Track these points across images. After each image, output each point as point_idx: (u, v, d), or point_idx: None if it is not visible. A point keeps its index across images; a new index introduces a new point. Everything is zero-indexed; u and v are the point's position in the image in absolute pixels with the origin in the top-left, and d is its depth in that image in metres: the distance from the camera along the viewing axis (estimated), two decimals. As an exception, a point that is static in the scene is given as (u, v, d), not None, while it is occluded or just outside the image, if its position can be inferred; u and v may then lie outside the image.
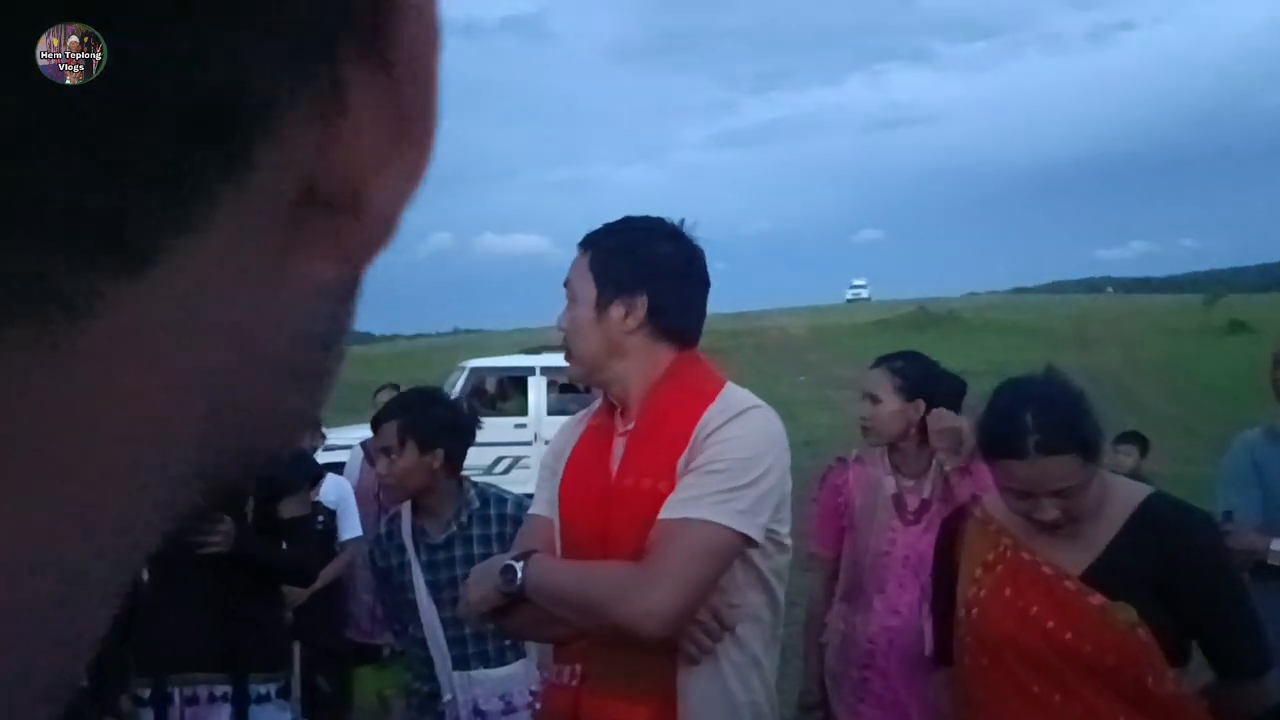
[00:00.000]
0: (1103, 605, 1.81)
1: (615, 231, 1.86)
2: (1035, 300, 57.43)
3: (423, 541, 2.78)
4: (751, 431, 1.73)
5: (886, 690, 2.80)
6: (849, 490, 2.95)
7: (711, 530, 1.64)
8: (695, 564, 1.64)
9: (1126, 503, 1.89)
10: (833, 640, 2.94)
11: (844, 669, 2.89)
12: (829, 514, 3.02)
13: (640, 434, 1.79)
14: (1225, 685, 1.90)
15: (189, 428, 0.21)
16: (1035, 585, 1.88)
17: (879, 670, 2.82)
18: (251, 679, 2.98)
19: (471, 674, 2.71)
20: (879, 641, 2.82)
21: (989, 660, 1.92)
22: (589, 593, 1.68)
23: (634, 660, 1.70)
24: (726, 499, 1.66)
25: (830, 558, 3.00)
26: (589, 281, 1.81)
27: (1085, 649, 1.81)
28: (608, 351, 1.81)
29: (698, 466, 1.69)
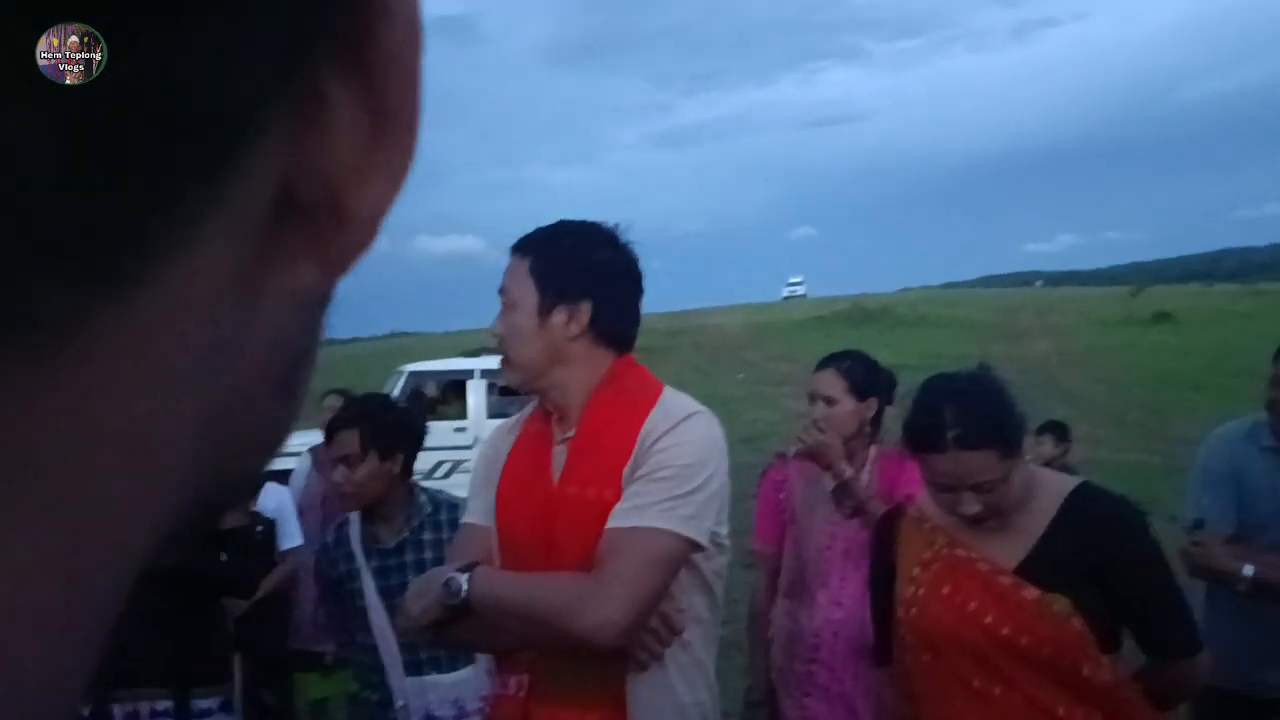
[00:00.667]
0: (1038, 598, 1.85)
1: (555, 237, 1.85)
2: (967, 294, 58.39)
3: (374, 548, 2.77)
4: (695, 438, 1.74)
5: (833, 682, 2.84)
6: (789, 487, 2.99)
7: (661, 538, 1.65)
8: (647, 573, 1.64)
9: (1056, 495, 1.93)
10: (777, 635, 2.97)
11: (789, 663, 2.92)
12: (770, 510, 3.06)
13: (582, 442, 1.78)
14: (1158, 668, 1.95)
15: (180, 447, 0.21)
16: (972, 581, 1.92)
17: (824, 663, 2.85)
18: (194, 693, 2.94)
19: (424, 679, 2.70)
20: (824, 634, 2.85)
21: (930, 656, 1.95)
22: (540, 605, 1.67)
23: (581, 668, 1.70)
24: (674, 506, 1.67)
25: (772, 553, 3.03)
26: (530, 287, 1.79)
27: (1022, 641, 1.85)
28: (549, 358, 1.80)
29: (644, 474, 1.69)
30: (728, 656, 4.56)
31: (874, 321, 36.63)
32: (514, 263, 1.83)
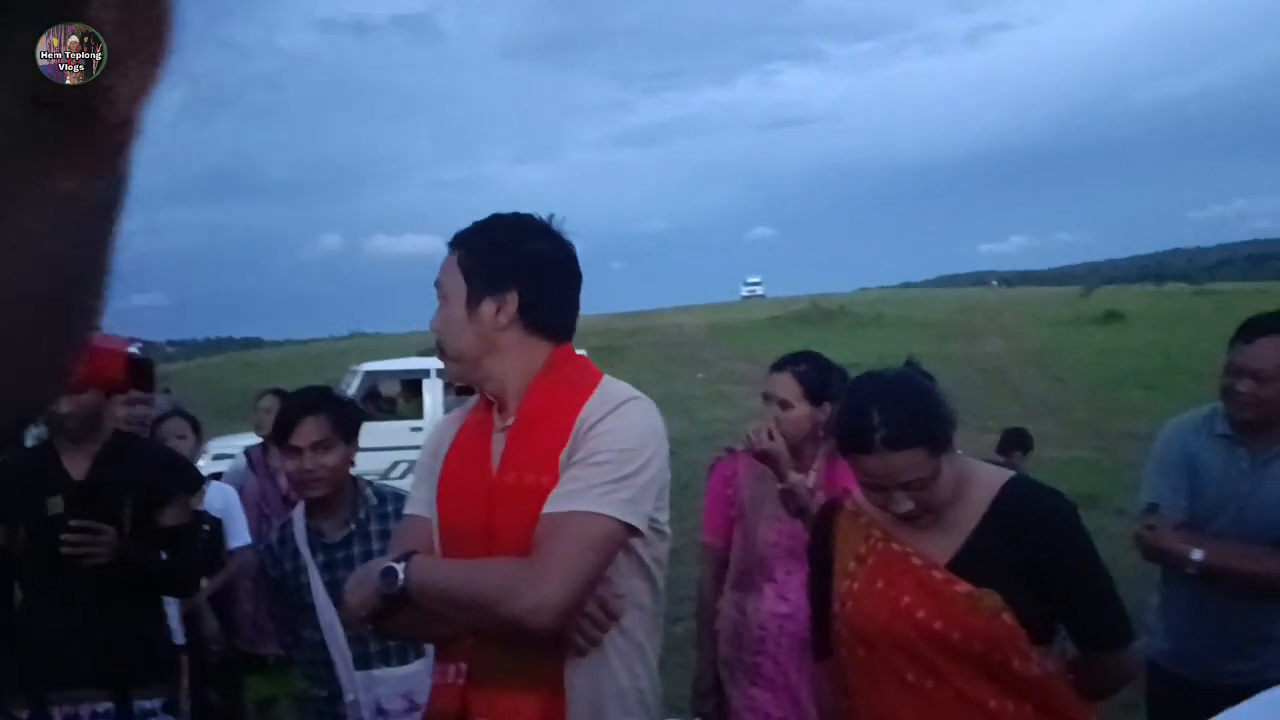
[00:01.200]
0: (969, 593, 1.87)
1: (483, 229, 1.88)
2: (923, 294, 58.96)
3: (319, 542, 2.77)
4: (631, 423, 1.76)
5: (778, 673, 2.88)
6: (738, 481, 3.02)
7: (597, 521, 1.67)
8: (582, 556, 1.66)
9: (988, 489, 1.95)
10: (725, 627, 3.01)
11: (736, 654, 2.96)
12: (719, 504, 3.09)
13: (520, 429, 1.81)
14: (1092, 659, 1.98)
15: None
16: (906, 575, 1.94)
17: (770, 655, 2.89)
18: (136, 694, 2.88)
19: (374, 673, 2.69)
20: (769, 627, 2.89)
21: (864, 650, 1.98)
22: (477, 590, 1.69)
23: (519, 653, 1.72)
24: (611, 490, 1.69)
25: (720, 546, 3.06)
26: (459, 279, 1.83)
27: (954, 636, 1.87)
28: (481, 349, 1.83)
29: (581, 459, 1.72)
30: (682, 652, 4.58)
31: (831, 321, 36.85)
32: (447, 257, 1.87)
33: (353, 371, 13.67)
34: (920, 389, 1.97)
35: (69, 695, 2.81)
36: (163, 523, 2.96)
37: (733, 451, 3.13)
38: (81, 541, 2.73)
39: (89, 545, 2.74)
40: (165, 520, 2.97)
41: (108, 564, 2.76)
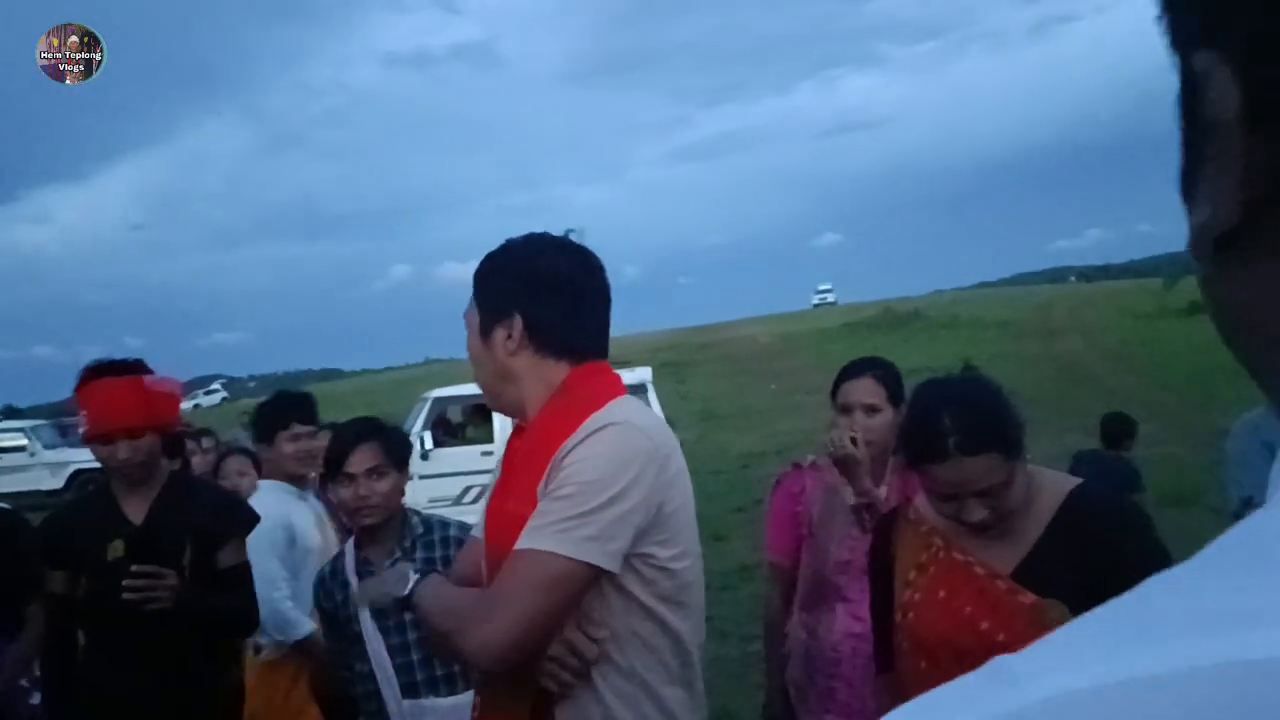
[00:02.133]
0: (1034, 604, 1.79)
1: (490, 256, 1.85)
2: (998, 294, 57.90)
3: (367, 571, 2.77)
4: (601, 453, 1.63)
5: (853, 698, 2.75)
6: (806, 497, 2.90)
7: (549, 560, 1.58)
8: (530, 596, 1.58)
9: (1053, 497, 1.87)
10: (794, 650, 2.89)
11: (809, 678, 2.84)
12: (785, 522, 2.96)
13: (512, 458, 1.81)
14: None
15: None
16: (968, 586, 1.87)
17: (844, 679, 2.77)
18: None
19: (421, 703, 2.70)
20: (843, 649, 2.77)
21: (926, 663, 1.90)
22: (443, 620, 1.70)
23: (518, 691, 1.68)
24: (571, 526, 1.59)
25: (787, 566, 2.94)
26: (475, 310, 1.84)
27: (1016, 649, 1.78)
28: (499, 377, 1.81)
29: (551, 491, 1.64)
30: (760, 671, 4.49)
31: (905, 325, 36.40)
32: (472, 293, 1.89)
33: (423, 399, 13.80)
34: (990, 391, 1.89)
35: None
36: (220, 564, 2.97)
37: (798, 466, 3.02)
38: (144, 586, 2.73)
39: (151, 590, 2.73)
40: (223, 561, 2.98)
41: (170, 609, 2.76)
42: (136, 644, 2.81)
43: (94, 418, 2.81)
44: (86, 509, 3.01)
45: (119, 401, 2.82)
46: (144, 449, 2.87)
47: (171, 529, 2.86)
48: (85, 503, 3.11)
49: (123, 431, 2.83)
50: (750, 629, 5.98)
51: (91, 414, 2.81)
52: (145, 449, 2.88)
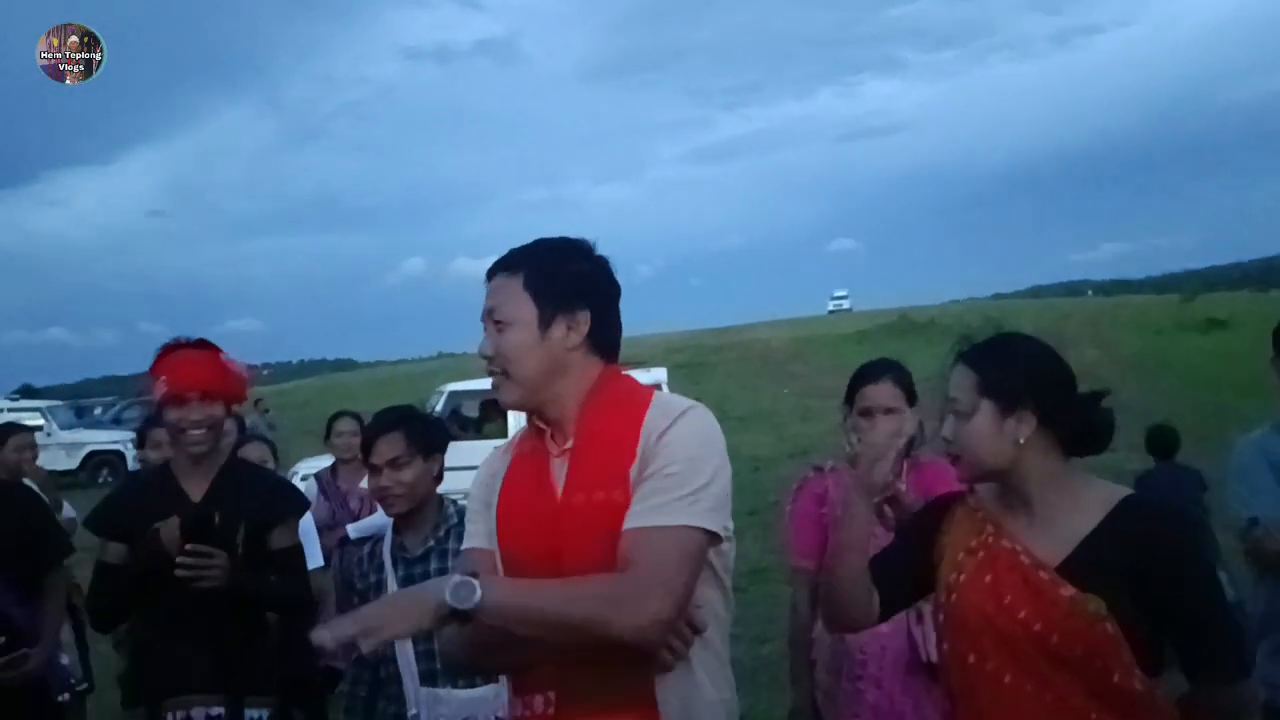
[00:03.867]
0: (1072, 596, 1.81)
1: (542, 252, 1.88)
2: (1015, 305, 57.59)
3: (401, 556, 2.84)
4: (696, 431, 1.76)
5: (882, 700, 2.78)
6: (831, 500, 2.91)
7: (687, 533, 1.68)
8: (680, 567, 1.66)
9: (1105, 500, 1.90)
10: (822, 654, 2.90)
11: (836, 682, 2.86)
12: (811, 525, 2.97)
13: (582, 449, 1.80)
14: (1199, 692, 1.87)
15: None
16: (1012, 573, 1.88)
17: (873, 680, 2.79)
18: (246, 702, 2.97)
19: (438, 691, 2.72)
20: (871, 650, 2.79)
21: (964, 646, 1.93)
22: (575, 609, 1.64)
23: (610, 674, 1.69)
24: (692, 500, 1.69)
25: (813, 569, 2.94)
26: (527, 302, 1.82)
27: (1053, 639, 1.81)
28: (550, 371, 1.82)
29: (654, 472, 1.71)
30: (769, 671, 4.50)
31: (920, 333, 36.25)
32: (502, 281, 1.86)
33: (438, 392, 13.84)
34: (1040, 347, 2.02)
35: (183, 700, 2.92)
36: (271, 546, 3.06)
37: (820, 470, 3.05)
38: (196, 565, 2.81)
39: (203, 569, 2.82)
40: (274, 543, 3.07)
41: (221, 588, 2.85)
42: (189, 617, 2.90)
43: (172, 380, 2.92)
44: (148, 485, 3.13)
45: (197, 367, 2.98)
46: (214, 416, 2.99)
47: (227, 510, 2.94)
48: (147, 479, 3.26)
49: (198, 393, 2.94)
50: (762, 631, 5.99)
51: (170, 377, 2.93)
52: (215, 417, 3.00)
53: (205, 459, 3.02)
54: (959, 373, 1.99)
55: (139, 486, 3.22)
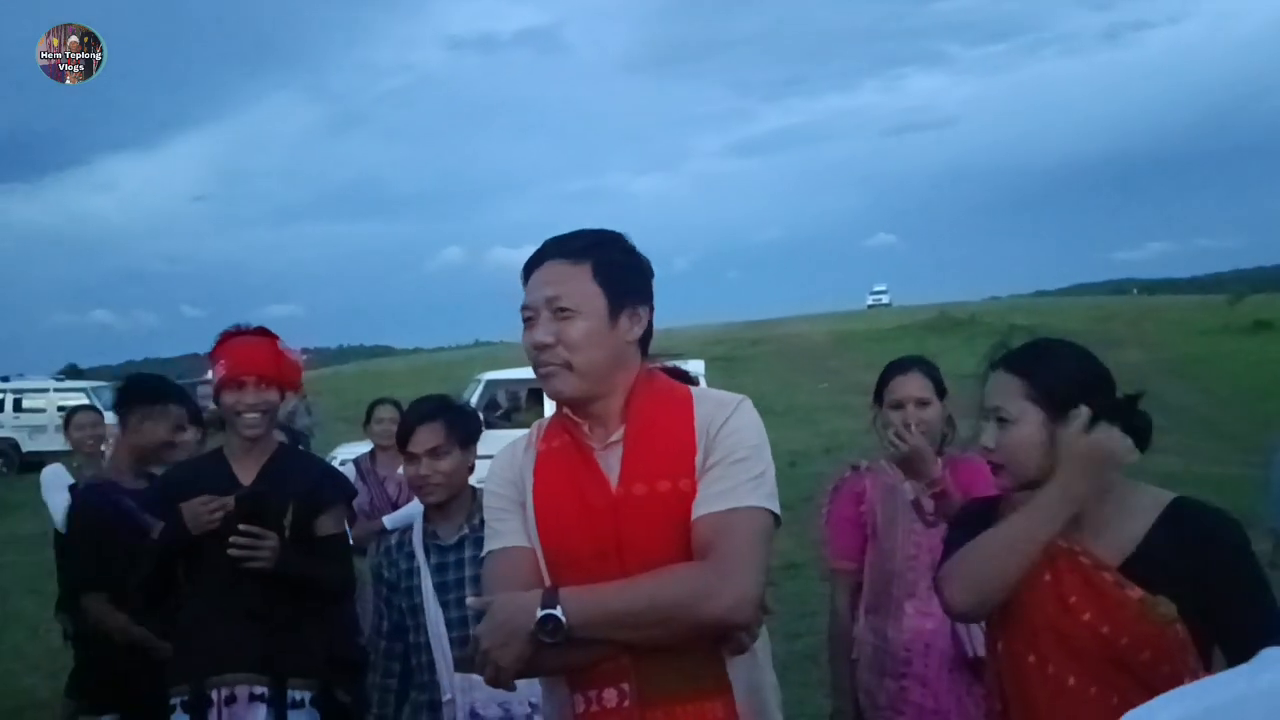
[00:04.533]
0: (1142, 598, 1.77)
1: (608, 243, 1.87)
2: (1057, 303, 57.05)
3: (433, 544, 2.85)
4: (753, 422, 1.81)
5: (926, 698, 2.77)
6: (869, 499, 2.91)
7: (759, 515, 1.73)
8: (757, 549, 1.71)
9: (1155, 503, 1.86)
10: (863, 653, 2.89)
11: (879, 681, 2.85)
12: (849, 524, 2.96)
13: (637, 440, 1.79)
14: None
15: None
16: (1073, 574, 1.83)
17: (916, 677, 2.79)
18: (290, 684, 3.01)
19: (473, 677, 2.58)
20: (915, 647, 2.79)
21: (1023, 646, 1.87)
22: (664, 602, 1.66)
23: (685, 662, 1.72)
24: (758, 485, 1.74)
25: (854, 569, 2.94)
26: (597, 292, 1.80)
27: (1122, 642, 1.77)
28: (614, 363, 1.81)
29: (720, 459, 1.74)
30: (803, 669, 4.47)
31: (960, 329, 36.00)
32: (565, 269, 1.82)
33: (476, 380, 13.91)
34: (1082, 351, 1.97)
35: (227, 678, 2.95)
36: (318, 532, 3.10)
37: (857, 469, 3.03)
38: (247, 545, 2.88)
39: (253, 550, 2.88)
40: (320, 529, 3.11)
41: (269, 570, 2.90)
42: (235, 597, 2.96)
43: (230, 363, 3.01)
44: (200, 467, 3.21)
45: (255, 351, 3.06)
46: (268, 400, 3.06)
47: (276, 494, 3.01)
48: (200, 462, 3.29)
49: (255, 377, 3.01)
50: (795, 626, 5.94)
51: (228, 360, 3.02)
52: (270, 401, 3.07)
53: (257, 444, 3.08)
54: (1001, 379, 1.93)
55: (192, 468, 3.28)
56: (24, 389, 22.33)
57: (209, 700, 2.94)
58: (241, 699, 2.96)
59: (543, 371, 1.82)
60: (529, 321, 1.83)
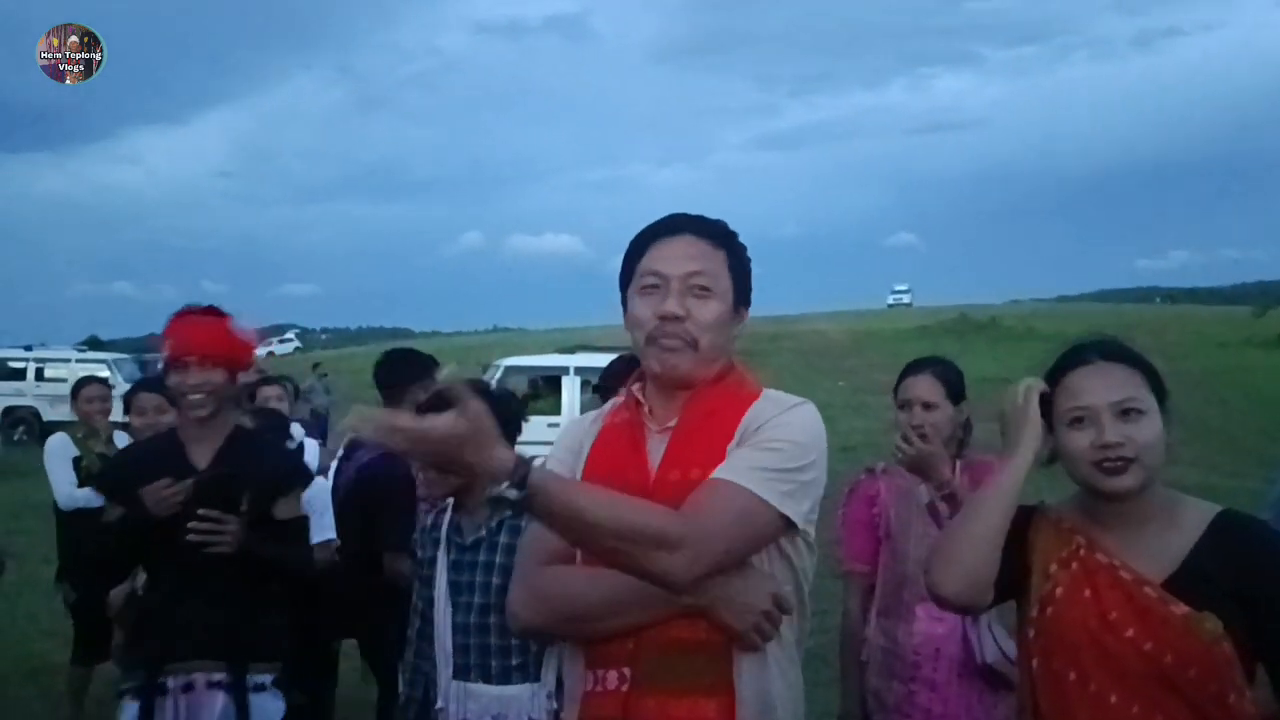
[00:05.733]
0: (1187, 615, 1.71)
1: (737, 238, 1.88)
2: (1079, 308, 56.65)
3: (454, 540, 2.75)
4: (805, 422, 1.77)
5: (934, 702, 2.77)
6: (883, 502, 2.91)
7: (755, 502, 1.66)
8: (731, 529, 1.65)
9: (1201, 516, 1.81)
10: (873, 656, 2.89)
11: (887, 684, 2.85)
12: (863, 527, 2.97)
13: (686, 429, 1.79)
14: None
15: None
16: (1114, 590, 1.78)
17: (925, 681, 2.78)
18: (251, 668, 2.97)
19: (469, 686, 2.63)
20: (925, 652, 2.79)
21: (1062, 663, 1.81)
22: (621, 527, 1.58)
23: (688, 656, 1.69)
24: (773, 477, 1.68)
25: (867, 571, 2.94)
26: (729, 281, 1.83)
27: (1166, 659, 1.71)
28: (722, 353, 1.84)
29: (753, 442, 1.72)
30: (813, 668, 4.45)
31: (981, 332, 35.84)
32: (708, 249, 1.82)
33: (495, 366, 13.93)
34: None
35: (185, 665, 2.91)
36: (276, 516, 3.05)
37: (871, 471, 3.03)
38: (207, 530, 2.82)
39: (214, 534, 2.83)
40: (279, 513, 3.06)
41: (230, 554, 2.85)
42: (194, 582, 2.90)
43: (174, 345, 2.95)
44: (154, 451, 3.10)
45: (200, 332, 2.98)
46: (214, 381, 2.97)
47: (233, 478, 2.93)
48: (153, 445, 3.22)
49: (197, 358, 2.93)
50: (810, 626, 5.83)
51: (173, 342, 2.95)
52: (213, 382, 2.97)
53: (211, 425, 3.00)
54: (1122, 371, 1.83)
55: (145, 451, 3.22)
56: (46, 359, 22.53)
57: (162, 688, 2.89)
58: (199, 687, 2.92)
59: (665, 343, 1.79)
60: (652, 289, 1.80)
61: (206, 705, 2.91)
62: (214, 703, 2.91)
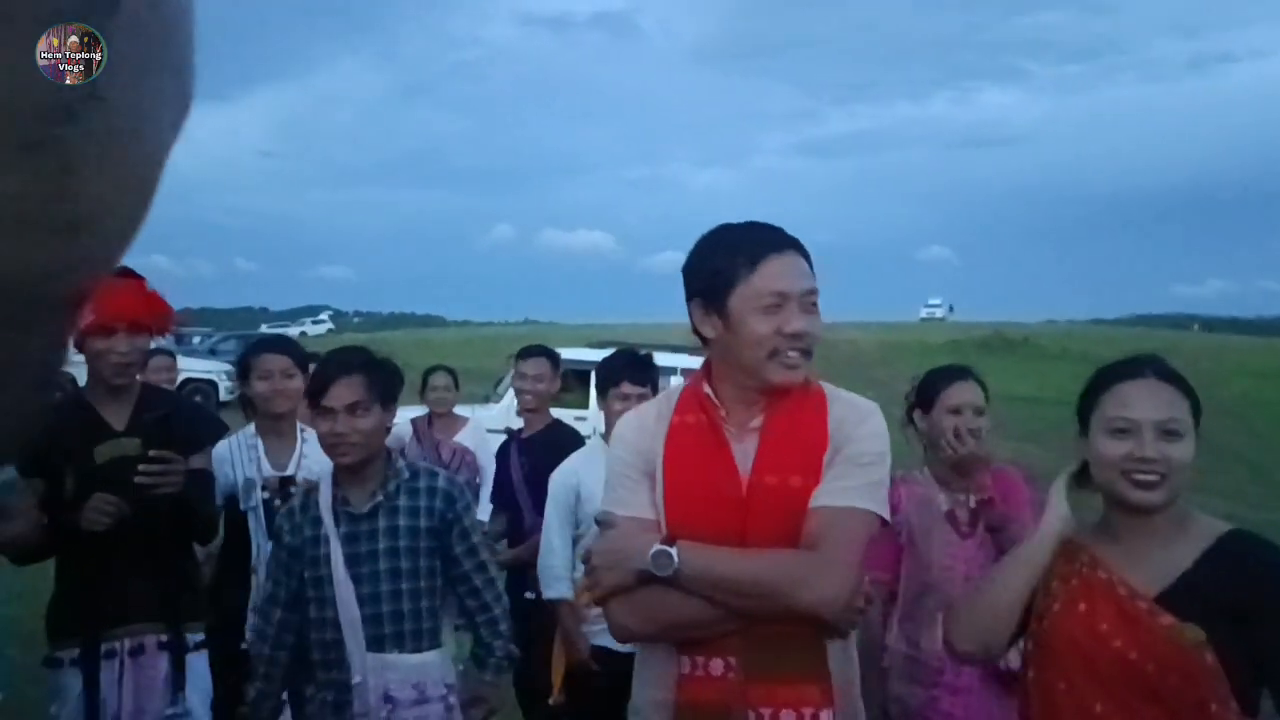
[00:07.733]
0: (1171, 625, 1.77)
1: None
2: (1115, 332, 56.08)
3: (344, 511, 2.64)
4: (881, 429, 1.91)
5: (956, 706, 2.79)
6: (904, 509, 2.93)
7: (868, 518, 1.82)
8: (858, 549, 1.79)
9: (1208, 533, 1.85)
10: (895, 663, 2.91)
11: (910, 690, 2.87)
12: (883, 535, 2.97)
13: (775, 433, 1.86)
14: None
15: None
16: (1108, 603, 1.85)
17: (947, 687, 2.81)
18: (186, 627, 3.02)
19: (385, 657, 2.57)
20: (948, 659, 2.79)
21: (1052, 674, 1.89)
22: (764, 579, 1.75)
23: (792, 644, 1.80)
24: (875, 490, 1.84)
25: (888, 579, 2.96)
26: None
27: (1148, 668, 1.77)
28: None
29: (847, 457, 1.82)
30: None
31: (1014, 350, 35.60)
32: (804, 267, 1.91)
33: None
34: None
35: (133, 629, 2.95)
36: (193, 465, 3.01)
37: (892, 479, 3.05)
38: (159, 472, 2.78)
39: (164, 476, 2.80)
40: (194, 463, 3.03)
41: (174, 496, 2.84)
42: (124, 546, 2.89)
43: (98, 309, 2.75)
44: (65, 417, 2.95)
45: (124, 296, 2.87)
46: (140, 348, 2.97)
47: (153, 436, 2.88)
48: (61, 411, 3.01)
49: (127, 324, 2.90)
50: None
51: (96, 305, 2.70)
52: (141, 349, 2.98)
53: (125, 385, 2.99)
54: (1170, 392, 1.88)
55: (54, 418, 3.00)
56: (84, 328, 22.72)
57: (110, 652, 2.89)
58: (150, 648, 2.94)
59: (788, 359, 1.86)
60: (774, 308, 1.85)
61: (154, 666, 2.94)
62: (160, 664, 2.95)
